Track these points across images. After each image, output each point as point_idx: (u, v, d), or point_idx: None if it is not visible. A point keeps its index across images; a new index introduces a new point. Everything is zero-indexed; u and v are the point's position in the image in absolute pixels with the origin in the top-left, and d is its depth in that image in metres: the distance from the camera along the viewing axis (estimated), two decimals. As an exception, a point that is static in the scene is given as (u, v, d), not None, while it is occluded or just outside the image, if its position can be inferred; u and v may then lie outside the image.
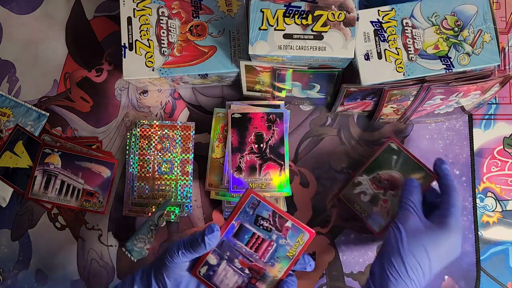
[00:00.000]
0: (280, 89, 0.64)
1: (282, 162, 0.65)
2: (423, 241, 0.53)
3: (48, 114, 0.71)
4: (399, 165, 0.63)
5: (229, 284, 0.52)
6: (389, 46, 0.58)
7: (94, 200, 0.69)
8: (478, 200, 0.67)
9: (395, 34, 0.59)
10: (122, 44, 0.61)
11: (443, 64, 0.58)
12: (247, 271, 0.52)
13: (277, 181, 0.65)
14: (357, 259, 0.67)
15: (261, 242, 0.52)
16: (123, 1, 0.61)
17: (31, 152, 0.70)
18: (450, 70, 0.58)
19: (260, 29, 0.54)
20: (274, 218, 0.52)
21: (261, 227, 0.52)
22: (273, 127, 0.66)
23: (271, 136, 0.66)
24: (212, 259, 0.52)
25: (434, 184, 0.61)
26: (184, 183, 0.68)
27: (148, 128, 0.68)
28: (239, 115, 0.66)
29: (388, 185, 0.63)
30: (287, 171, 0.65)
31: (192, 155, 0.68)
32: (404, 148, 0.64)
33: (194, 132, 0.69)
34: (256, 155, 0.65)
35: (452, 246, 0.54)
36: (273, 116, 0.66)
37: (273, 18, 0.54)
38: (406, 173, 0.63)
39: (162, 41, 0.61)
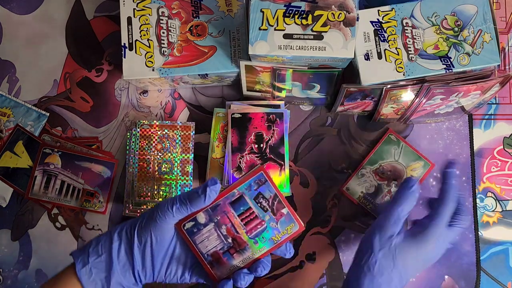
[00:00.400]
0: (280, 89, 0.64)
1: (282, 162, 0.65)
2: (393, 252, 0.52)
3: (48, 114, 0.71)
4: (400, 155, 0.66)
5: (208, 246, 0.52)
6: (389, 46, 0.58)
7: (94, 200, 0.69)
8: (478, 200, 0.67)
9: (395, 34, 0.59)
10: (122, 44, 0.61)
11: (443, 64, 0.58)
12: (230, 240, 0.53)
13: (277, 181, 0.65)
14: (357, 259, 0.68)
15: (253, 218, 0.53)
16: (123, 1, 0.61)
17: (31, 152, 0.70)
18: (450, 70, 0.58)
19: (260, 29, 0.54)
20: (273, 201, 0.53)
21: (259, 204, 0.53)
22: (273, 127, 0.66)
23: (271, 136, 0.66)
24: (202, 218, 0.52)
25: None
26: (184, 183, 0.68)
27: (148, 128, 0.68)
28: (239, 115, 0.66)
29: (391, 176, 0.66)
30: (287, 171, 0.65)
31: (192, 155, 0.68)
32: (403, 139, 0.67)
33: (194, 132, 0.69)
34: (256, 155, 0.65)
35: (428, 255, 0.54)
36: (273, 116, 0.66)
37: (273, 18, 0.54)
38: (407, 163, 0.66)
39: (162, 41, 0.61)
